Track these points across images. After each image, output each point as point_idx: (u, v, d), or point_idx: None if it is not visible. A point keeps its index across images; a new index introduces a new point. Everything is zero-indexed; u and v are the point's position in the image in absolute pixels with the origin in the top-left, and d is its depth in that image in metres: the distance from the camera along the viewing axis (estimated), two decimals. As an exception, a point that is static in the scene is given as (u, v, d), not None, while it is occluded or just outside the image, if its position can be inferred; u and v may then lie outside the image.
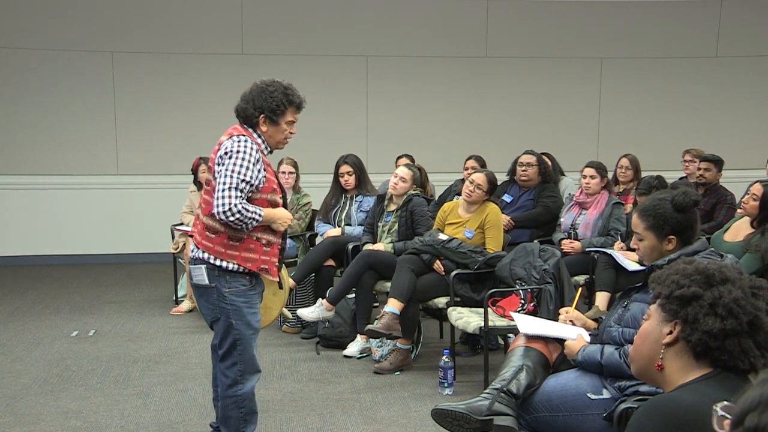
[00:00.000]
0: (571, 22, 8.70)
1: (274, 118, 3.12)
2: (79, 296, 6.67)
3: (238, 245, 3.09)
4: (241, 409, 3.18)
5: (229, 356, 3.16)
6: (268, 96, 3.10)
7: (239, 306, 3.11)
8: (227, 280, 3.10)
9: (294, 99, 3.16)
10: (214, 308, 3.14)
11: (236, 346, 3.14)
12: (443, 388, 4.32)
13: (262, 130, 3.15)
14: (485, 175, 4.95)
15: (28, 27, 7.90)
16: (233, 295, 3.10)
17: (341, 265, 5.49)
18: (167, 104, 8.21)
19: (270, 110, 3.11)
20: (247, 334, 3.14)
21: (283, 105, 3.12)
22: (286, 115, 3.14)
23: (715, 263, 1.69)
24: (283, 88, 3.14)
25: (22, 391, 4.32)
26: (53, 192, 8.09)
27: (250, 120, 3.14)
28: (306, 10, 8.36)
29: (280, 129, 3.16)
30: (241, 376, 3.16)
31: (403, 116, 8.55)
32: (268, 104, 3.10)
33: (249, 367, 3.18)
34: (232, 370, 3.16)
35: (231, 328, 3.12)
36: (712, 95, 8.96)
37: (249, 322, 3.15)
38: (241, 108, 3.16)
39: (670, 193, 2.81)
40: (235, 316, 3.12)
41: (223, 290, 3.10)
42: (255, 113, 3.11)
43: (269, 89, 3.12)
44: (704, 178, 5.88)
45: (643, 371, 1.73)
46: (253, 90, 3.15)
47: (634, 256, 4.40)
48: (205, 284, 3.12)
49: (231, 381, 3.16)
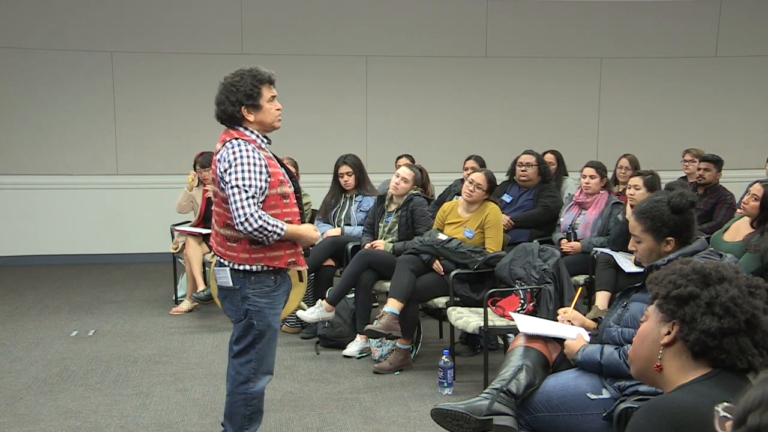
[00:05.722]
0: (571, 22, 8.69)
1: (255, 103, 3.05)
2: (78, 296, 6.67)
3: (260, 247, 3.05)
4: (248, 407, 3.17)
5: (246, 353, 3.14)
6: (238, 86, 3.03)
7: (262, 307, 3.10)
8: (252, 281, 3.08)
9: (263, 76, 3.07)
10: (237, 309, 3.12)
11: (254, 344, 3.12)
12: (443, 387, 4.33)
13: (249, 122, 3.08)
14: (485, 175, 4.96)
15: (28, 27, 7.90)
16: (257, 297, 3.09)
17: (341, 265, 5.49)
18: (167, 104, 8.21)
19: (247, 97, 3.03)
20: (267, 335, 3.13)
21: (255, 87, 3.04)
22: (263, 95, 3.07)
23: (712, 263, 1.69)
24: (248, 71, 3.07)
25: (21, 391, 4.32)
26: (53, 192, 8.09)
27: (234, 117, 3.07)
28: (306, 10, 8.36)
29: (265, 110, 3.08)
30: (254, 375, 3.15)
31: (402, 116, 8.56)
32: (242, 93, 3.03)
33: (263, 367, 3.16)
34: (246, 368, 3.14)
35: (252, 328, 3.11)
36: (712, 95, 8.96)
37: (270, 323, 3.13)
38: (220, 111, 3.09)
39: (667, 195, 2.82)
40: (257, 317, 3.10)
41: (246, 292, 3.08)
42: (235, 108, 3.04)
43: (235, 80, 3.05)
44: (704, 178, 5.88)
45: (643, 372, 1.73)
46: (222, 90, 3.07)
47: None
48: (229, 286, 3.10)
49: (243, 378, 3.15)
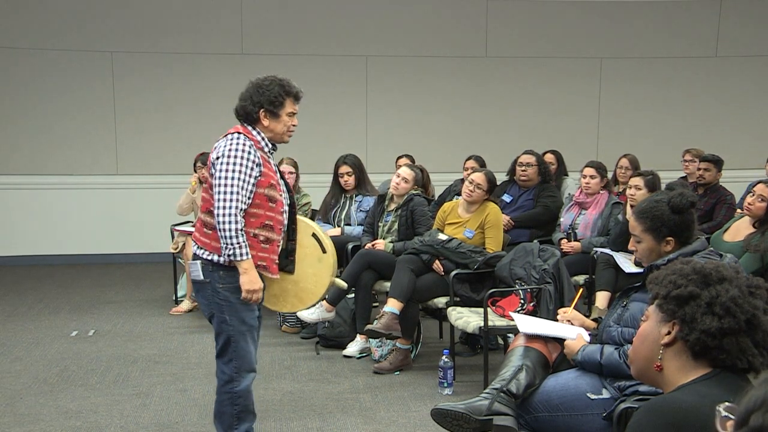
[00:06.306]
0: (571, 22, 8.69)
1: (274, 110, 3.13)
2: (78, 296, 6.67)
3: None
4: (235, 406, 3.18)
5: (225, 353, 3.16)
6: (265, 90, 3.12)
7: (233, 302, 3.10)
8: (221, 275, 3.10)
9: (291, 90, 3.17)
10: (209, 304, 3.15)
11: (230, 342, 3.13)
12: (443, 388, 4.32)
13: (263, 125, 3.15)
14: (485, 175, 4.96)
15: (28, 27, 7.90)
16: (227, 291, 3.10)
17: (341, 265, 5.48)
18: (167, 104, 8.21)
19: (269, 103, 3.11)
20: (241, 330, 3.13)
21: (281, 96, 3.13)
22: (285, 107, 3.15)
23: (712, 262, 1.69)
24: (279, 80, 3.16)
25: (21, 391, 4.32)
26: (53, 192, 8.09)
27: (250, 116, 3.15)
28: (306, 10, 8.36)
29: (282, 121, 3.16)
30: (237, 373, 3.16)
31: (402, 116, 8.55)
32: (266, 97, 3.11)
33: (244, 364, 3.16)
34: (229, 367, 3.16)
35: (225, 324, 3.13)
36: (712, 95, 8.95)
37: (243, 319, 3.13)
38: (240, 107, 3.17)
39: (667, 195, 2.81)
40: (228, 312, 3.11)
41: (217, 286, 3.10)
42: (254, 108, 3.12)
43: (265, 83, 3.14)
44: (704, 178, 5.88)
45: (643, 372, 1.73)
46: (250, 87, 3.16)
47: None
48: (201, 280, 3.13)
49: (227, 377, 3.16)
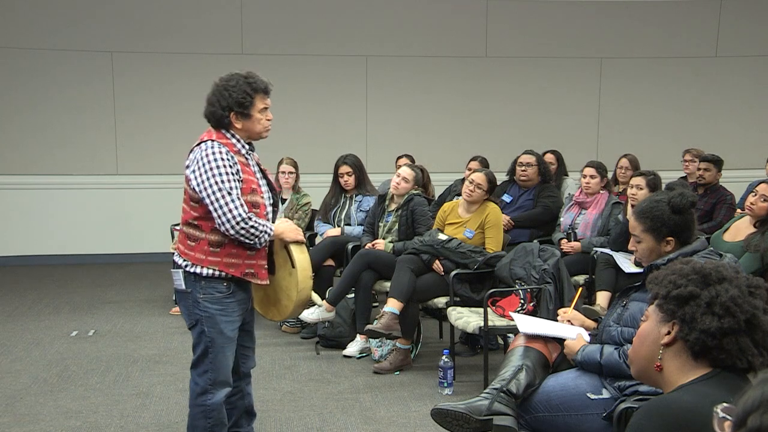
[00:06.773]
0: (571, 22, 8.69)
1: (245, 111, 2.96)
2: (78, 296, 6.67)
3: (219, 251, 2.97)
4: (209, 420, 3.07)
5: (201, 363, 3.05)
6: (232, 91, 2.94)
7: (213, 313, 3.00)
8: (202, 286, 2.99)
9: (258, 85, 2.98)
10: (189, 314, 3.06)
11: (207, 353, 3.02)
12: (443, 387, 4.32)
13: (236, 128, 2.99)
14: (485, 175, 4.96)
15: (28, 27, 7.90)
16: (207, 302, 3.00)
17: (341, 265, 5.49)
18: (167, 104, 8.20)
19: (238, 105, 2.94)
20: (219, 342, 3.02)
21: (248, 95, 2.95)
22: (255, 105, 2.97)
23: (712, 262, 1.69)
24: (244, 78, 2.97)
25: (21, 391, 4.32)
26: (53, 192, 8.09)
27: (221, 122, 2.98)
28: (306, 10, 8.36)
29: (255, 119, 2.99)
30: (212, 386, 3.04)
31: (402, 116, 8.55)
32: (234, 99, 2.93)
33: (219, 377, 3.05)
34: (203, 378, 3.04)
35: (203, 335, 3.02)
36: (712, 95, 8.96)
37: (222, 330, 3.02)
38: (209, 112, 3.00)
39: (667, 195, 2.81)
40: (207, 324, 3.01)
41: (197, 296, 3.01)
42: (224, 113, 2.96)
43: (230, 84, 2.95)
44: (704, 178, 5.88)
45: (643, 372, 1.73)
46: (215, 90, 2.98)
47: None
48: (182, 289, 3.04)
49: (201, 389, 3.06)
